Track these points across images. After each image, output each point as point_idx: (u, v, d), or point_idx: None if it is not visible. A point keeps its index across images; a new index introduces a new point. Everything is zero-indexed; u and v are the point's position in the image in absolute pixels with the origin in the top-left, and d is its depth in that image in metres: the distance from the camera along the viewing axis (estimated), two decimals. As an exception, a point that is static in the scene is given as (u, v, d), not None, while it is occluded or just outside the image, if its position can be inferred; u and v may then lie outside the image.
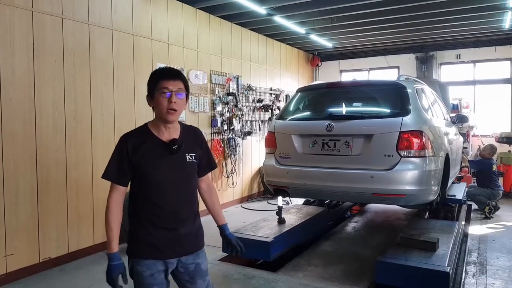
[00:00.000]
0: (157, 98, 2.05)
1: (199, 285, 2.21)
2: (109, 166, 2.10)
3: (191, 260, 2.18)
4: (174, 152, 2.09)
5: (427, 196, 3.99)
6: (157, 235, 2.08)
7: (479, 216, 6.78)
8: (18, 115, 4.14)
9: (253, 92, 8.26)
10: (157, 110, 2.09)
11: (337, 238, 5.49)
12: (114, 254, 2.04)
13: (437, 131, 4.34)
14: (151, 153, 2.07)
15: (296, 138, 4.39)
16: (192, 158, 2.17)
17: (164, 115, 2.06)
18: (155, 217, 2.08)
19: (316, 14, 7.16)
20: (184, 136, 2.18)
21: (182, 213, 2.15)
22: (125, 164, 2.06)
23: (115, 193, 2.08)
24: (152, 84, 2.08)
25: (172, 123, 2.12)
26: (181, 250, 2.15)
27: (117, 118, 5.20)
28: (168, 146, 2.09)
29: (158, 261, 2.09)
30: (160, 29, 5.96)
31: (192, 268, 2.18)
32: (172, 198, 2.11)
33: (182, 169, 2.14)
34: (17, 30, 4.10)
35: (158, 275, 2.09)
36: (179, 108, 2.06)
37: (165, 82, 2.04)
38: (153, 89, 2.07)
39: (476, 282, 4.10)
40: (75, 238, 4.69)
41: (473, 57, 9.66)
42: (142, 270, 2.07)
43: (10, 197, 4.08)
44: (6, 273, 4.04)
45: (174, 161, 2.11)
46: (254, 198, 8.50)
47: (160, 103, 2.04)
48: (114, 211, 2.06)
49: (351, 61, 11.00)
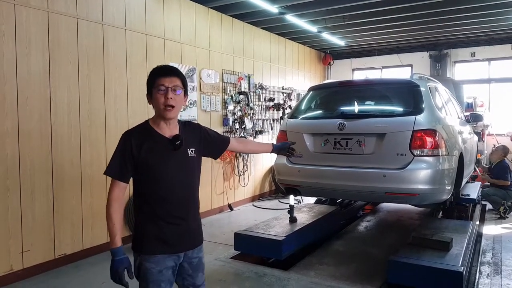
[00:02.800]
0: (154, 95, 2.09)
1: (199, 278, 2.25)
2: (112, 162, 2.11)
3: (195, 254, 2.22)
4: (178, 148, 2.13)
5: (440, 195, 3.96)
6: (167, 230, 2.10)
7: (494, 216, 6.68)
8: (34, 114, 4.21)
9: (264, 91, 8.27)
10: (155, 107, 2.13)
11: (349, 237, 5.47)
12: (119, 249, 2.05)
13: (450, 130, 4.29)
14: (156, 150, 2.10)
15: (308, 137, 4.38)
16: (193, 153, 2.21)
17: (161, 111, 2.09)
18: (164, 212, 2.10)
19: (328, 12, 7.13)
20: (184, 132, 2.21)
21: (189, 207, 2.19)
22: (128, 161, 2.08)
23: (116, 189, 2.09)
24: (149, 82, 2.13)
25: (171, 119, 2.15)
26: (189, 243, 2.19)
27: (130, 117, 5.25)
28: (171, 141, 2.12)
29: (167, 256, 2.10)
30: (173, 28, 6.01)
31: (195, 262, 2.22)
32: (180, 192, 2.14)
33: (186, 163, 2.18)
34: (33, 30, 4.18)
35: (166, 272, 2.10)
36: (176, 104, 2.10)
37: (161, 79, 2.08)
38: (151, 86, 2.11)
39: (491, 283, 4.04)
40: (89, 235, 4.77)
41: (488, 55, 9.50)
42: (151, 266, 2.08)
43: (26, 194, 4.15)
44: (23, 269, 4.12)
45: (178, 156, 2.14)
46: (265, 197, 8.50)
47: (157, 100, 2.08)
48: (116, 206, 2.07)
49: (363, 59, 10.92)
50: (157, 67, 2.18)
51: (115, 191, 2.09)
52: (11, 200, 4.03)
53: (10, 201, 4.02)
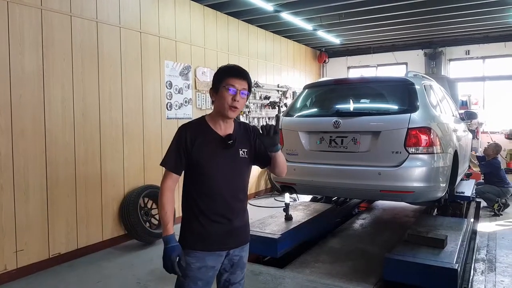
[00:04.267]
0: (221, 93, 2.10)
1: (237, 276, 2.25)
2: (168, 154, 2.14)
3: (237, 252, 2.22)
4: (229, 147, 2.14)
5: (435, 193, 3.97)
6: (210, 228, 2.11)
7: (488, 213, 6.73)
8: (28, 113, 4.18)
9: (260, 89, 8.26)
10: (219, 104, 2.13)
11: (344, 235, 5.48)
12: (171, 236, 2.05)
13: (445, 128, 4.31)
14: (208, 146, 2.12)
15: (303, 134, 4.38)
16: (244, 153, 2.21)
17: (225, 110, 2.10)
18: (209, 210, 2.12)
19: (323, 10, 7.13)
20: (238, 132, 2.22)
21: (235, 206, 2.19)
22: (183, 153, 2.11)
23: (169, 180, 2.12)
24: (219, 79, 2.13)
25: (231, 119, 2.17)
26: (232, 243, 2.19)
27: (125, 114, 5.23)
28: (224, 140, 2.14)
29: (208, 254, 2.11)
30: (168, 26, 5.98)
31: (236, 260, 2.22)
32: (225, 192, 2.14)
33: (235, 163, 2.18)
34: (26, 28, 4.14)
35: (205, 271, 2.11)
36: (240, 106, 2.12)
37: (233, 79, 2.09)
38: (219, 83, 2.12)
39: (485, 279, 4.07)
40: (84, 234, 4.75)
41: (482, 53, 9.55)
42: (191, 261, 2.08)
43: (20, 193, 4.12)
44: (17, 268, 4.10)
45: (228, 155, 2.15)
46: (261, 195, 8.51)
47: (224, 99, 2.09)
48: (168, 195, 2.10)
49: (358, 57, 10.94)
50: (230, 66, 2.19)
51: (168, 182, 2.12)
52: (4, 198, 3.99)
53: (4, 200, 3.99)
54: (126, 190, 5.23)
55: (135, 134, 5.38)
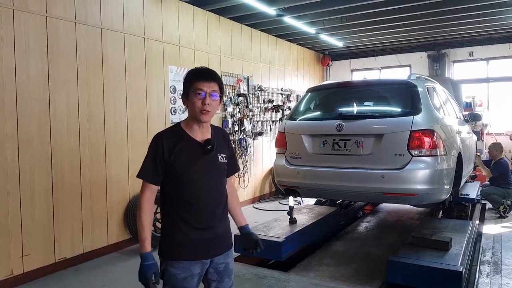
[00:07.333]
0: (191, 99, 2.06)
1: (225, 283, 2.21)
2: (144, 165, 2.09)
3: (222, 260, 2.18)
4: (209, 152, 2.10)
5: (439, 195, 3.96)
6: (193, 236, 2.07)
7: (494, 215, 6.69)
8: (34, 118, 4.23)
9: (263, 93, 8.28)
10: (191, 110, 2.10)
11: (349, 238, 5.47)
12: (148, 254, 2.02)
13: (449, 130, 4.30)
14: (186, 153, 2.07)
15: (306, 138, 4.39)
16: (223, 158, 2.19)
17: (197, 115, 2.07)
18: (191, 218, 2.07)
19: (326, 13, 7.15)
20: (215, 137, 2.19)
21: (217, 212, 2.15)
22: (159, 163, 2.05)
23: (147, 192, 2.08)
24: (187, 84, 2.09)
25: (206, 123, 2.14)
26: (216, 250, 2.15)
27: (129, 120, 5.27)
28: (203, 146, 2.10)
29: (193, 263, 2.07)
30: (171, 31, 6.02)
31: (222, 268, 2.18)
32: (208, 198, 2.11)
33: (215, 168, 2.15)
34: (32, 35, 4.20)
35: (191, 279, 2.07)
36: (212, 109, 2.08)
37: (201, 83, 2.04)
38: (188, 89, 2.08)
39: (490, 282, 4.05)
40: (89, 238, 4.78)
41: (486, 54, 9.52)
42: (176, 272, 2.04)
43: (26, 198, 4.16)
44: (23, 273, 4.13)
45: (208, 160, 2.11)
46: (265, 199, 8.51)
47: (194, 104, 2.05)
48: (147, 210, 2.06)
49: (362, 60, 10.94)
50: (196, 69, 2.13)
51: (147, 194, 2.08)
52: (11, 204, 4.04)
53: (10, 205, 4.03)
54: (131, 195, 5.25)
55: (139, 139, 5.41)
